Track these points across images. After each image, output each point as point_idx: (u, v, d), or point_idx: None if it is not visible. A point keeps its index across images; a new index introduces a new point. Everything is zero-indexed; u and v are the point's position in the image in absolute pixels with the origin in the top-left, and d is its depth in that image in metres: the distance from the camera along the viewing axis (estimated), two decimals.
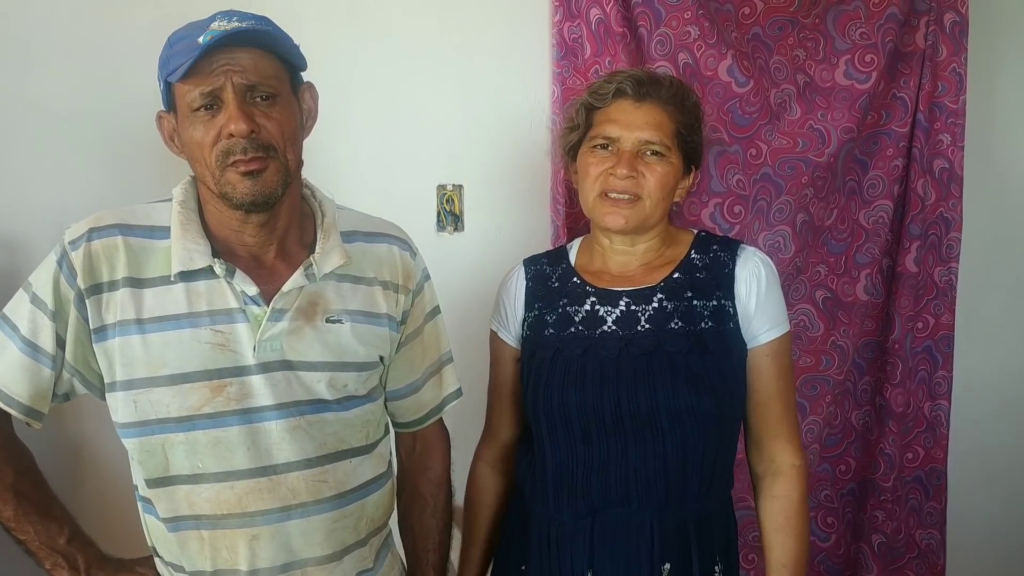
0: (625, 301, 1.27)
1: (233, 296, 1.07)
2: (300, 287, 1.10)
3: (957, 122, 1.97)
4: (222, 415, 1.05)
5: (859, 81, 1.92)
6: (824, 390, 2.02)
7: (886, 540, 2.07)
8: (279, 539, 1.08)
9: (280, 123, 1.06)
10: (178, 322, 1.05)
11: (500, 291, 1.41)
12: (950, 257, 2.01)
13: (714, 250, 1.30)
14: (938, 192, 1.99)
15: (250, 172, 1.03)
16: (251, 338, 1.07)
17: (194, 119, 1.04)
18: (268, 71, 1.05)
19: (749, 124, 1.90)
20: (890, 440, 2.03)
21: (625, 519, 1.22)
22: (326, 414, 1.10)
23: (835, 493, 2.08)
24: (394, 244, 1.22)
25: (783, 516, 1.25)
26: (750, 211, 1.93)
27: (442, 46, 1.88)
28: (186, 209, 1.10)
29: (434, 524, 1.30)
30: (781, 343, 1.27)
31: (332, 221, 1.16)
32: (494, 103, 1.90)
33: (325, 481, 1.10)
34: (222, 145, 1.03)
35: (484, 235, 1.91)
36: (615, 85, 1.27)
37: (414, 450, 1.32)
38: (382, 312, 1.17)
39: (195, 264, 1.06)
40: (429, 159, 1.88)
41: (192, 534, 1.08)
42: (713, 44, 1.86)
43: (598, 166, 1.26)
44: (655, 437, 1.20)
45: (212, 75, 1.02)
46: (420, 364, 1.26)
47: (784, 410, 1.28)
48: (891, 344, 2.02)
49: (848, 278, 2.02)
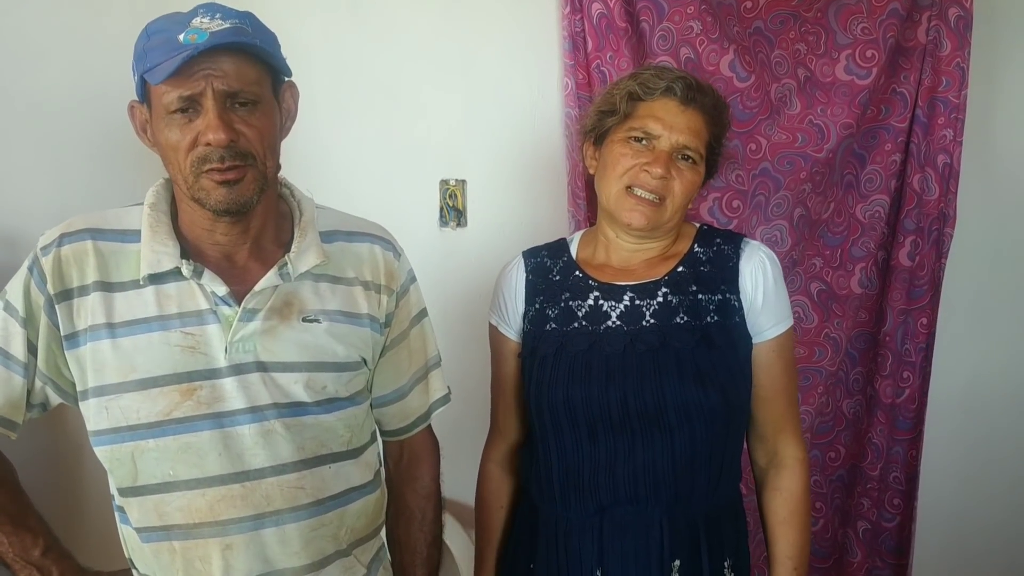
0: (629, 295, 1.26)
1: (203, 297, 1.05)
2: (274, 286, 1.08)
3: (959, 117, 1.97)
4: (192, 420, 1.03)
5: (859, 76, 1.93)
6: (816, 381, 2.07)
7: (871, 527, 2.14)
8: (253, 548, 1.05)
9: (260, 130, 1.03)
10: (148, 325, 1.03)
11: (499, 283, 1.38)
12: (942, 253, 2.03)
13: (717, 243, 1.30)
14: (940, 187, 1.99)
15: (226, 181, 1.01)
16: (223, 339, 1.04)
17: (170, 121, 1.01)
18: (250, 77, 1.01)
19: (749, 119, 1.92)
20: (878, 430, 2.08)
21: (634, 516, 1.21)
22: (304, 417, 1.07)
23: (824, 479, 2.14)
24: (376, 244, 1.19)
25: (787, 509, 1.26)
26: (748, 205, 1.96)
27: (445, 40, 1.87)
28: (156, 211, 1.08)
29: (422, 538, 1.26)
30: (786, 338, 1.27)
31: (310, 220, 1.14)
32: (498, 97, 1.89)
33: (302, 488, 1.07)
34: (199, 151, 1.00)
35: (487, 231, 1.90)
36: (666, 83, 1.25)
37: (401, 459, 1.28)
38: (363, 312, 1.14)
39: (163, 266, 1.04)
40: (432, 154, 1.87)
41: (164, 545, 1.05)
42: (715, 39, 1.86)
43: (631, 158, 1.24)
44: (663, 434, 1.19)
45: (192, 80, 0.98)
46: (407, 369, 1.23)
47: (788, 404, 1.28)
48: (883, 336, 2.06)
49: (843, 271, 2.05)
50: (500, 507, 1.38)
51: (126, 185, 1.54)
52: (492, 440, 1.41)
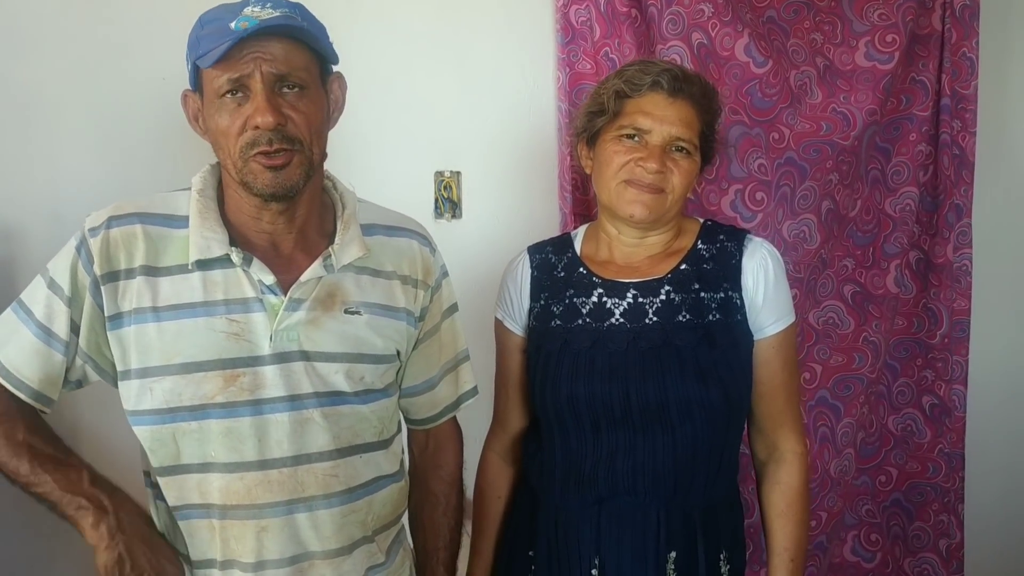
0: (632, 293, 1.26)
1: (250, 285, 1.07)
2: (319, 277, 1.10)
3: (968, 107, 1.91)
4: (234, 405, 1.05)
5: (881, 62, 1.84)
6: (858, 389, 1.89)
7: (952, 544, 1.95)
8: (288, 531, 1.08)
9: (307, 116, 1.05)
10: (193, 311, 1.05)
11: (505, 279, 1.39)
12: (962, 244, 1.93)
13: (721, 240, 1.30)
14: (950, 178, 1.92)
15: (273, 166, 1.03)
16: (267, 328, 1.06)
17: (220, 105, 1.03)
18: (298, 62, 1.04)
19: (770, 107, 1.81)
20: (948, 439, 1.93)
21: (632, 508, 1.23)
22: (342, 407, 1.10)
23: (877, 507, 1.95)
24: (414, 239, 1.21)
25: (784, 502, 1.27)
26: (773, 198, 1.82)
27: (441, 30, 1.83)
28: (204, 198, 1.10)
29: (445, 522, 1.29)
30: (787, 334, 1.27)
31: (352, 213, 1.16)
32: (493, 89, 1.86)
33: (336, 476, 1.10)
34: (248, 135, 1.02)
35: (482, 222, 1.85)
36: (651, 77, 1.25)
37: (427, 447, 1.31)
38: (400, 306, 1.16)
39: (212, 252, 1.06)
40: (427, 145, 1.84)
41: (203, 523, 1.08)
42: (728, 22, 1.77)
43: (625, 155, 1.24)
44: (664, 430, 1.21)
45: (241, 62, 1.01)
46: (437, 361, 1.25)
47: (788, 399, 1.29)
48: (939, 340, 1.93)
49: (877, 270, 1.92)
50: (498, 497, 1.40)
51: (121, 178, 1.60)
52: (494, 431, 1.42)
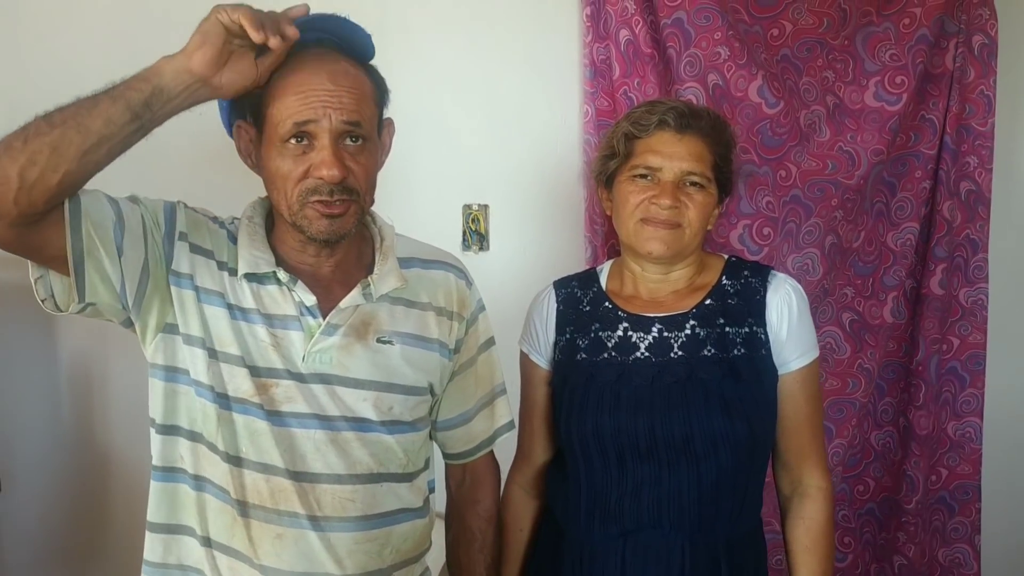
0: (658, 327, 1.28)
1: (292, 304, 1.10)
2: (356, 305, 1.12)
3: (985, 144, 1.96)
4: (267, 411, 1.07)
5: (889, 103, 1.91)
6: (850, 413, 2.01)
7: (907, 562, 2.06)
8: (301, 546, 1.08)
9: (367, 168, 1.08)
10: (246, 314, 1.09)
11: (531, 313, 1.41)
12: (978, 278, 2.00)
13: (745, 276, 1.31)
14: (964, 214, 1.98)
15: (331, 215, 1.06)
16: (302, 347, 1.09)
17: (283, 149, 1.05)
18: (366, 113, 1.06)
19: (779, 146, 1.89)
20: (913, 462, 2.02)
21: (657, 541, 1.23)
22: (368, 434, 1.11)
23: (852, 513, 2.06)
24: (451, 272, 1.23)
25: (809, 537, 1.27)
26: (779, 233, 1.92)
27: (469, 65, 1.89)
28: (253, 224, 1.14)
29: (481, 559, 1.29)
30: (811, 369, 1.29)
31: (391, 245, 1.18)
32: (521, 123, 1.92)
33: (352, 500, 1.10)
34: (309, 183, 1.04)
35: (510, 255, 1.91)
36: (658, 116, 1.28)
37: (463, 482, 1.31)
38: (433, 337, 1.18)
39: (260, 269, 1.10)
40: (455, 178, 1.90)
41: (227, 508, 1.08)
42: (743, 65, 1.85)
43: (639, 194, 1.27)
44: (689, 464, 1.21)
45: (310, 105, 1.02)
46: (473, 395, 1.26)
47: (813, 434, 1.30)
48: (915, 366, 2.01)
49: (875, 301, 2.00)
50: (520, 529, 1.40)
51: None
52: (518, 464, 1.43)
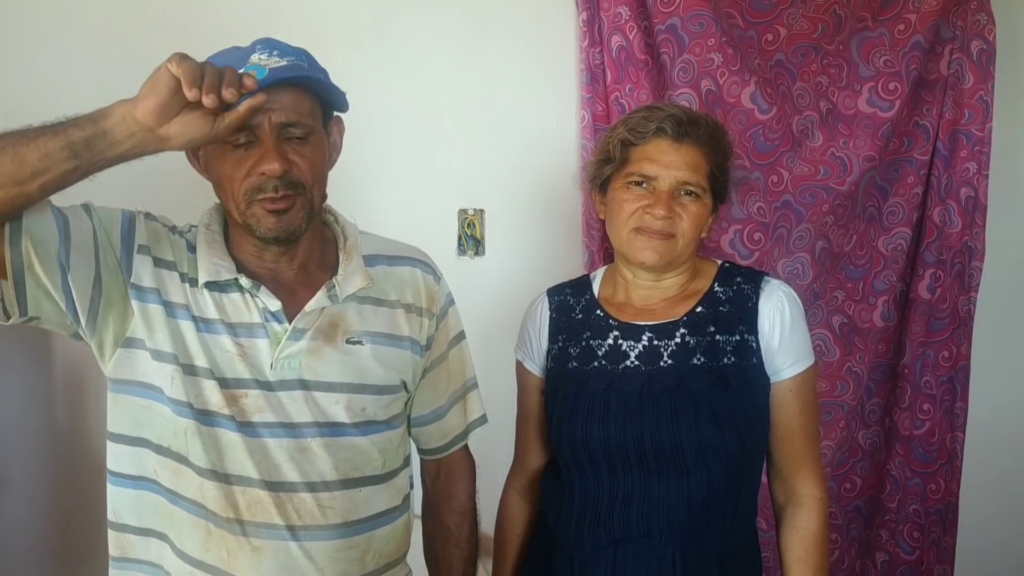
0: (648, 336, 1.27)
1: (256, 311, 1.09)
2: (322, 308, 1.11)
3: (983, 150, 1.96)
4: (236, 422, 1.06)
5: (882, 109, 1.92)
6: (839, 415, 2.04)
7: (889, 558, 2.09)
8: (280, 557, 1.06)
9: (311, 161, 1.07)
10: (209, 325, 1.07)
11: (525, 321, 1.41)
12: (970, 286, 2.01)
13: (738, 282, 1.30)
14: (963, 220, 1.98)
15: (276, 210, 1.05)
16: (270, 354, 1.08)
17: (225, 150, 1.05)
18: (304, 109, 1.06)
19: (771, 151, 1.91)
20: (896, 462, 2.05)
21: (647, 550, 1.22)
22: (341, 438, 1.10)
23: (840, 510, 2.10)
24: (417, 267, 1.22)
25: (803, 547, 1.26)
26: (770, 238, 1.94)
27: (465, 71, 1.89)
28: (211, 232, 1.13)
29: (458, 555, 1.29)
30: (805, 377, 1.27)
31: (354, 244, 1.17)
32: (517, 127, 1.92)
33: (332, 507, 1.09)
34: (252, 181, 1.04)
35: (505, 260, 1.91)
36: (655, 124, 1.25)
37: (438, 477, 1.31)
38: (404, 335, 1.17)
39: (222, 276, 1.09)
40: (451, 183, 1.89)
41: (201, 523, 1.06)
42: (736, 71, 1.86)
43: (633, 203, 1.25)
44: (679, 474, 1.21)
45: None
46: (445, 390, 1.26)
47: (807, 443, 1.28)
48: (901, 369, 2.03)
49: (865, 304, 2.03)
50: (516, 535, 1.41)
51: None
52: (514, 469, 1.44)
